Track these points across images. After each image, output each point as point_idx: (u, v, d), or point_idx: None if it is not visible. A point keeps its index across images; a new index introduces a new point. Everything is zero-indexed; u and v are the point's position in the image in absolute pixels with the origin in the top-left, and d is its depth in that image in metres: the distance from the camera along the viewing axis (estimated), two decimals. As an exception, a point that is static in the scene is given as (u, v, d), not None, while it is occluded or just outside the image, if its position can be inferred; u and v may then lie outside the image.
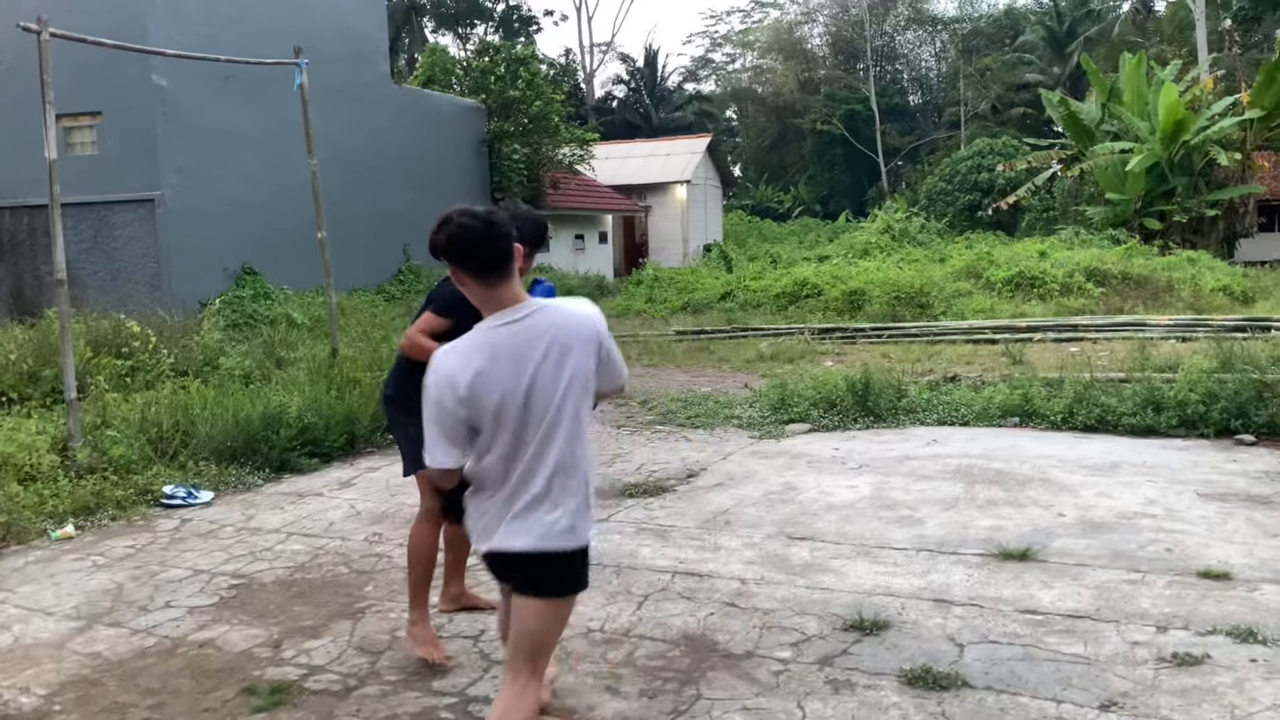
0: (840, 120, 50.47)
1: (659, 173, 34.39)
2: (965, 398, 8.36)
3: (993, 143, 37.07)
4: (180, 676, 3.96)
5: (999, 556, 4.82)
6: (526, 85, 24.11)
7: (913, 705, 3.43)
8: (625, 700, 3.59)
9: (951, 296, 16.35)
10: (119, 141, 15.48)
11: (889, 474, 6.49)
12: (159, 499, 6.53)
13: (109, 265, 15.54)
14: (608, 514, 5.90)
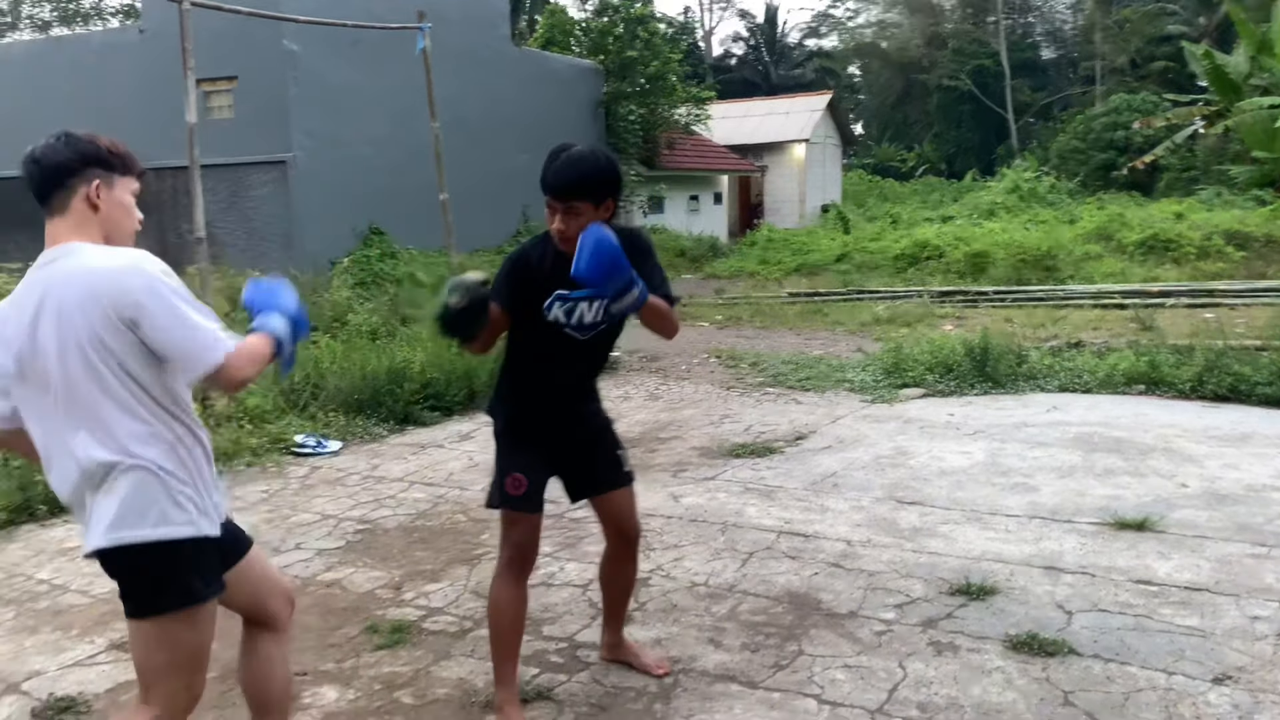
0: (968, 76, 48.79)
1: (777, 131, 33.96)
2: (1088, 364, 8.12)
3: (1130, 99, 35.32)
4: (309, 613, 4.21)
5: (1115, 526, 4.72)
6: (644, 45, 24.07)
7: (1016, 669, 3.42)
8: (727, 653, 3.67)
9: (1080, 260, 15.80)
10: (253, 105, 16.12)
11: (1004, 440, 6.38)
12: (291, 447, 6.89)
13: (245, 224, 16.25)
14: (714, 473, 5.98)
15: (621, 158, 24.10)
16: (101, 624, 4.16)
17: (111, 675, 3.70)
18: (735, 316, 13.51)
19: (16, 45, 23.19)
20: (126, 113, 16.65)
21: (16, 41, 30.35)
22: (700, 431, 7.13)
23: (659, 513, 5.29)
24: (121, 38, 18.20)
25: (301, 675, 3.66)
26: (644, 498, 5.49)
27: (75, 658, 3.86)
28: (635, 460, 6.26)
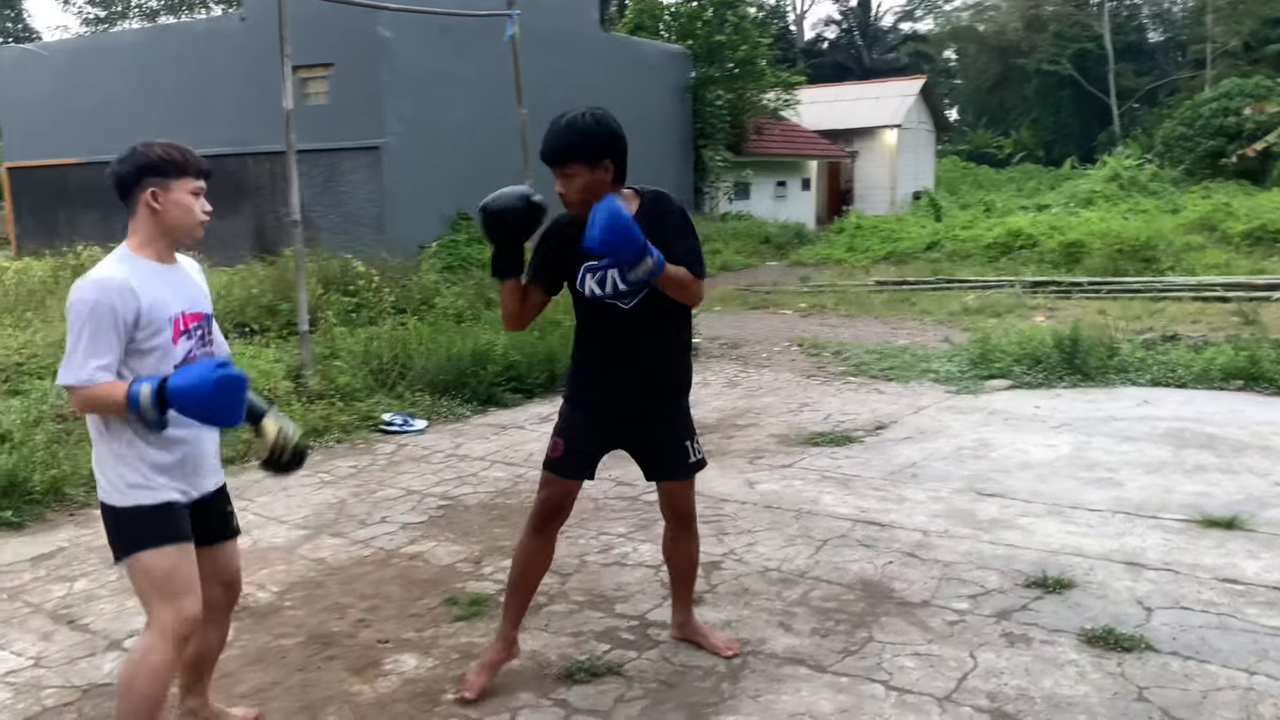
0: (1069, 60, 47.36)
1: (867, 116, 33.45)
2: (1184, 358, 7.88)
3: (1242, 83, 33.81)
4: (392, 584, 4.36)
5: (1202, 523, 4.60)
6: (733, 29, 23.93)
7: (1090, 663, 3.38)
8: (797, 637, 3.70)
9: (1181, 250, 15.26)
10: (348, 91, 16.49)
11: (1091, 434, 6.25)
12: (379, 425, 7.09)
13: (338, 209, 16.66)
14: (791, 461, 5.98)
15: (708, 144, 24.15)
16: (197, 588, 4.36)
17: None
18: (819, 304, 13.41)
19: (126, 33, 24.12)
20: (228, 99, 17.23)
21: (126, 30, 31.54)
22: (778, 419, 7.13)
23: (734, 498, 5.32)
24: (224, 25, 18.80)
25: (384, 642, 3.81)
26: (719, 483, 5.56)
27: (173, 619, 4.06)
28: (711, 446, 6.30)
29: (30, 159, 20.59)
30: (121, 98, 19.03)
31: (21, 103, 20.86)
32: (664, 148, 23.47)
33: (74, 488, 5.56)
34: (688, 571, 3.67)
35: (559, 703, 3.30)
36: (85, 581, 4.48)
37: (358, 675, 3.55)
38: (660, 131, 23.15)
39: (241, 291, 9.97)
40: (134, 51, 19.39)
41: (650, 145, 22.69)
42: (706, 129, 24.21)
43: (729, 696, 3.29)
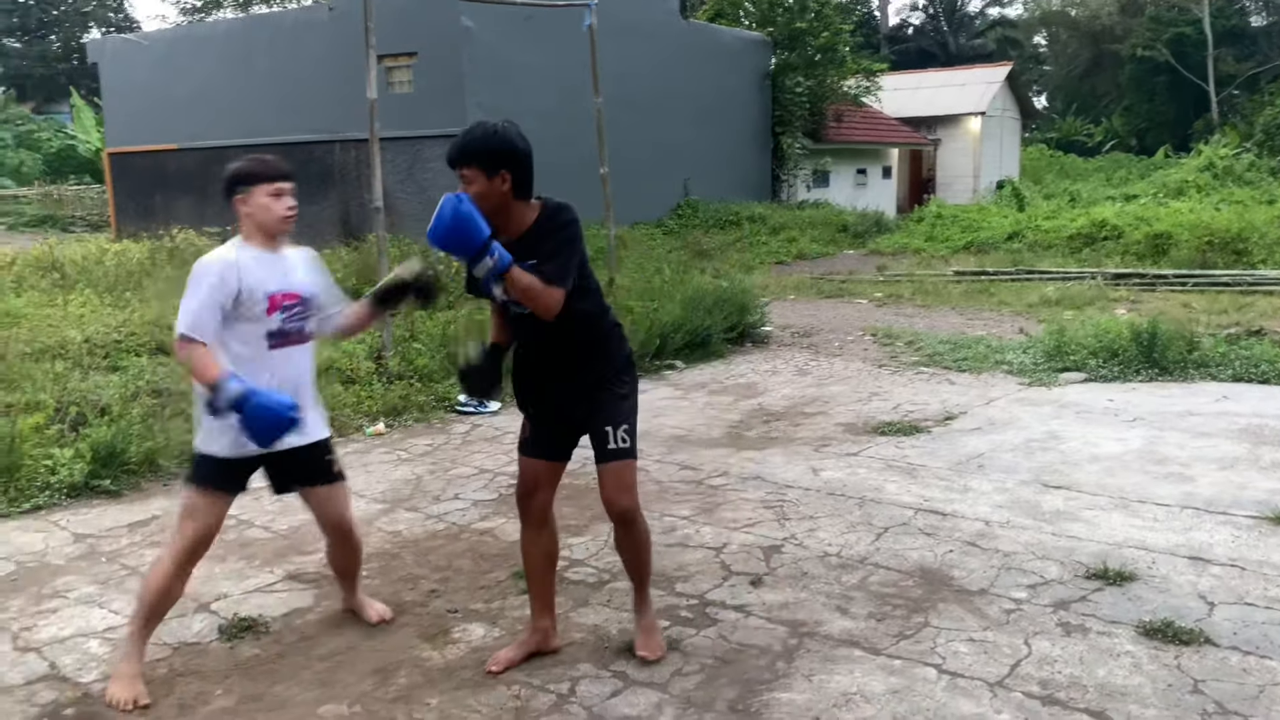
0: (1166, 45, 45.84)
1: (951, 104, 32.89)
2: (1268, 354, 7.69)
3: (1350, 68, 32.45)
4: (463, 558, 4.54)
5: (1274, 520, 4.54)
6: (814, 16, 23.74)
7: (1146, 655, 3.39)
8: (853, 620, 3.77)
9: (1275, 243, 14.77)
10: (431, 80, 16.83)
11: (1164, 429, 6.16)
12: (454, 406, 7.30)
13: (420, 195, 17.01)
14: (857, 449, 6.02)
15: (786, 131, 24.02)
16: (280, 556, 4.60)
17: (288, 601, 4.11)
18: (896, 294, 13.32)
19: (220, 23, 24.88)
20: (316, 87, 17.70)
21: (220, 20, 32.50)
22: (847, 408, 7.16)
23: (798, 484, 5.39)
24: (312, 15, 19.26)
25: (453, 612, 3.98)
26: (784, 470, 5.64)
27: (256, 585, 4.29)
28: (778, 434, 6.39)
29: (130, 144, 21.42)
30: (216, 86, 19.70)
31: (122, 91, 21.72)
32: (742, 135, 23.44)
33: (167, 459, 5.86)
34: (634, 568, 3.58)
35: (618, 674, 3.43)
36: (177, 547, 4.74)
37: (428, 642, 3.73)
38: (739, 118, 23.13)
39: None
40: (227, 41, 20.03)
41: (727, 132, 22.72)
42: (785, 116, 24.09)
43: (782, 675, 3.38)
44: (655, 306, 9.36)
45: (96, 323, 8.51)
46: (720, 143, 22.29)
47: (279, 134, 18.69)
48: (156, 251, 13.00)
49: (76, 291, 10.18)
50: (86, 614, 4.03)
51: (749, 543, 4.59)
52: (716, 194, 21.65)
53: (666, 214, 20.73)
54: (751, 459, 5.92)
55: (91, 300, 9.67)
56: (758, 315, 10.24)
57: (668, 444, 6.38)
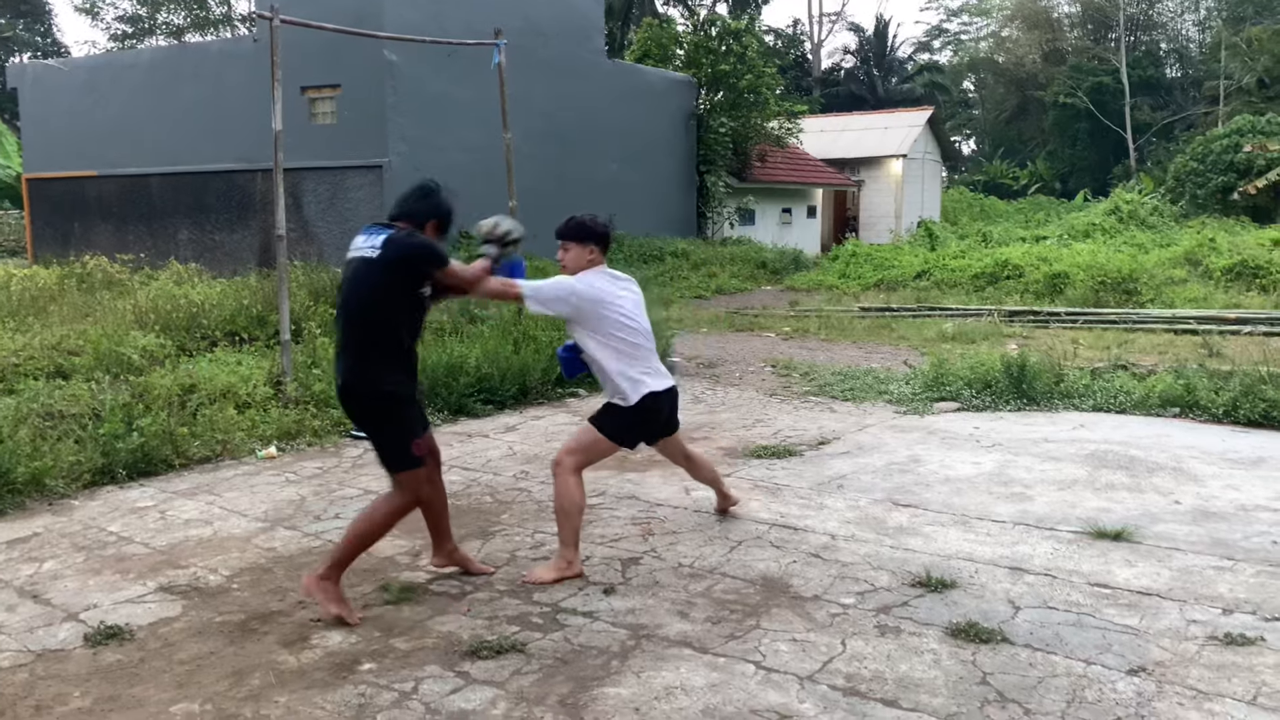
0: (1086, 93, 47.77)
1: (875, 146, 33.87)
2: (1126, 385, 8.18)
3: (1255, 120, 33.92)
4: (334, 571, 4.72)
5: (1093, 535, 4.91)
6: (738, 59, 24.41)
7: (947, 652, 3.70)
8: (691, 623, 4.03)
9: (1162, 284, 15.55)
10: (355, 112, 17.03)
11: (1018, 454, 6.56)
12: (350, 431, 7.45)
13: (342, 224, 17.15)
14: (730, 471, 6.31)
15: (711, 170, 24.59)
16: (155, 570, 4.74)
17: (156, 611, 4.26)
18: (803, 328, 13.75)
19: (145, 52, 24.81)
20: (239, 116, 17.78)
21: (144, 49, 32.32)
22: (731, 434, 7.47)
23: (669, 503, 5.66)
24: (237, 47, 19.39)
25: (315, 621, 4.16)
26: (659, 490, 5.92)
27: (128, 596, 4.43)
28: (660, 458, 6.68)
29: (49, 170, 21.22)
30: (138, 114, 19.67)
31: (42, 116, 21.55)
32: (668, 172, 23.95)
33: (54, 479, 5.95)
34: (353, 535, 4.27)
35: (461, 674, 3.64)
36: (54, 563, 4.86)
37: (286, 648, 3.91)
38: (665, 156, 23.64)
39: (234, 302, 10.40)
40: (152, 69, 20.03)
41: (653, 169, 23.20)
42: (710, 155, 24.67)
43: (615, 672, 3.63)
44: (561, 335, 9.62)
45: (-4, 346, 8.53)
46: (646, 180, 22.75)
47: (201, 162, 18.74)
48: (66, 277, 12.95)
49: (-21, 316, 10.16)
50: (-46, 623, 4.13)
51: (610, 556, 4.84)
52: (642, 230, 22.07)
53: (592, 248, 21.00)
54: (630, 480, 6.18)
55: (-6, 324, 9.67)
56: (663, 346, 10.54)
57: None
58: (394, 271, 4.07)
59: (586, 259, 4.65)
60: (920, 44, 62.15)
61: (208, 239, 18.72)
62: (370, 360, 4.08)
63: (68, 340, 8.89)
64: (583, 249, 4.65)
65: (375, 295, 4.08)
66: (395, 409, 4.12)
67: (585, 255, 4.65)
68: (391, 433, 4.15)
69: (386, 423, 4.14)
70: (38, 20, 46.17)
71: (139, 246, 18.94)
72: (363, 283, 4.10)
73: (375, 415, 4.15)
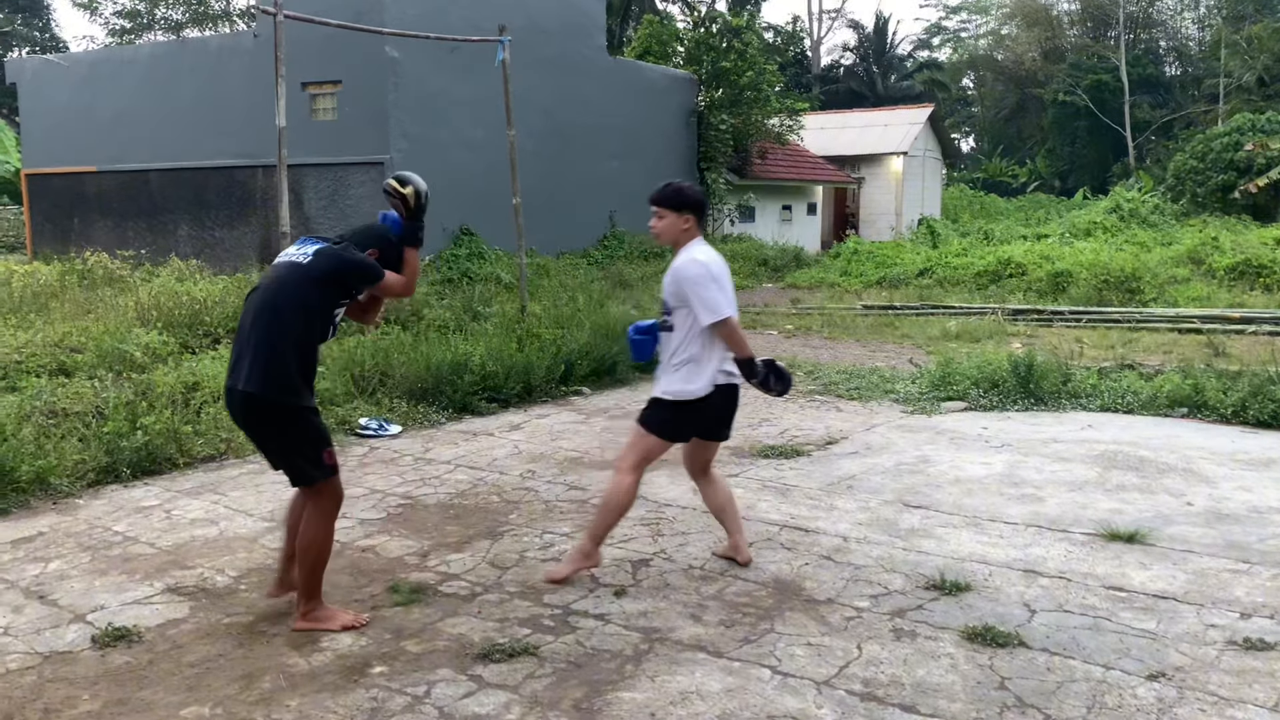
0: (1085, 91, 47.70)
1: (875, 143, 33.81)
2: (1134, 385, 8.15)
3: (1255, 118, 33.87)
4: (341, 573, 4.68)
5: (1106, 537, 4.88)
6: (739, 56, 24.35)
7: (964, 656, 3.67)
8: (704, 626, 4.00)
9: (1165, 283, 15.52)
10: (356, 108, 16.96)
11: (1028, 454, 6.53)
12: (355, 429, 7.43)
13: (344, 221, 17.07)
14: (739, 471, 6.28)
15: (711, 167, 24.55)
16: (162, 571, 4.70)
17: (163, 613, 4.22)
18: (805, 326, 13.71)
19: (144, 47, 24.71)
20: (240, 112, 17.72)
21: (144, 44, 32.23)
22: (737, 432, 7.33)
23: (676, 504, 5.63)
24: (237, 42, 19.31)
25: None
26: (667, 490, 5.88)
27: (135, 597, 4.39)
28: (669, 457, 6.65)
29: (48, 166, 21.15)
30: (138, 109, 19.59)
31: (41, 112, 21.46)
32: (668, 169, 23.85)
33: (59, 478, 5.91)
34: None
35: (473, 677, 3.61)
36: (60, 563, 4.82)
37: (296, 650, 3.87)
38: (666, 153, 23.58)
39: (236, 299, 10.35)
40: (152, 64, 19.95)
41: (655, 166, 23.12)
42: (710, 152, 24.61)
43: (629, 676, 3.59)
44: (563, 334, 9.60)
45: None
46: (647, 177, 22.61)
47: (201, 158, 18.68)
48: (67, 274, 12.90)
49: (-20, 312, 10.11)
50: (-41, 624, 4.09)
51: (620, 557, 4.80)
52: (642, 226, 21.83)
53: (593, 245, 21.03)
54: (638, 480, 6.14)
55: (-6, 321, 9.62)
56: (666, 344, 10.50)
57: (561, 466, 6.58)
58: (323, 284, 3.91)
59: (681, 228, 4.38)
60: (920, 41, 62.19)
61: (208, 235, 18.66)
62: (285, 369, 3.84)
63: (70, 337, 8.84)
64: (678, 218, 4.37)
65: (300, 303, 3.88)
66: (309, 419, 3.94)
67: (680, 225, 4.37)
68: (307, 446, 3.95)
69: (301, 435, 3.93)
70: (36, 15, 46.01)
71: (139, 242, 18.89)
72: (288, 288, 3.90)
73: (288, 427, 3.92)
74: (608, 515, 4.44)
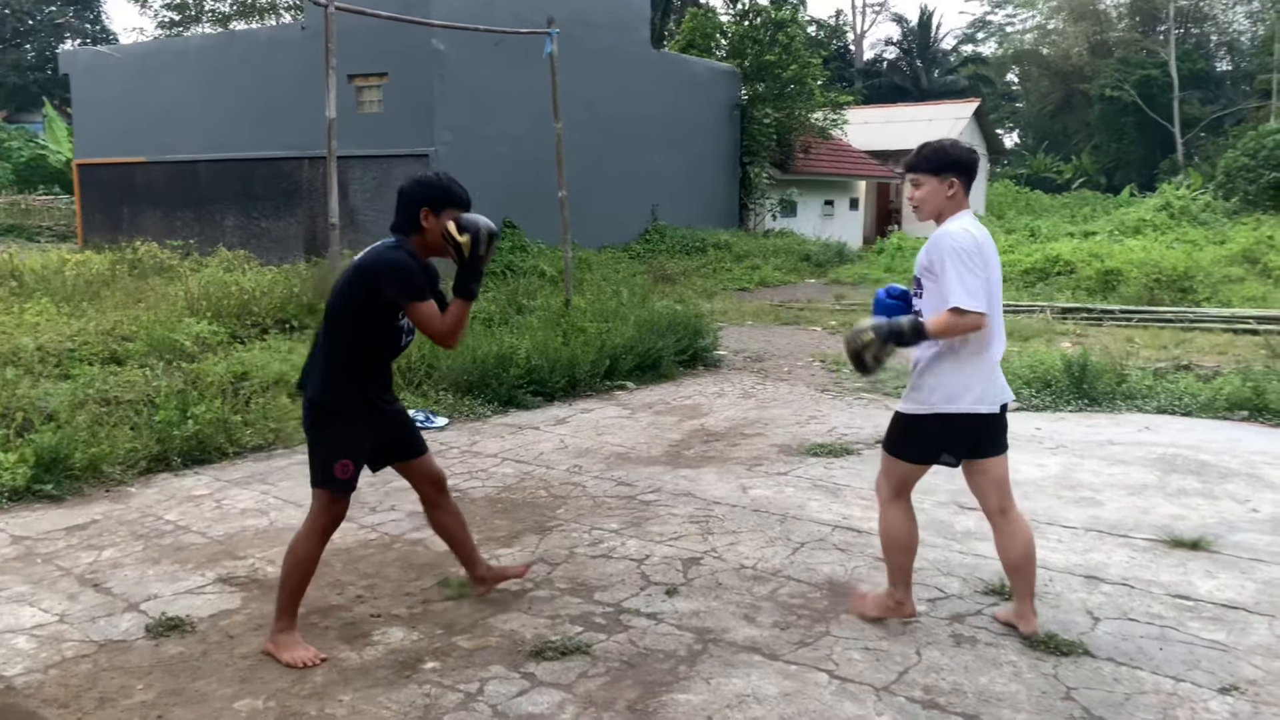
0: (1133, 87, 46.90)
1: (919, 138, 32.66)
2: (1192, 387, 7.96)
3: (1309, 115, 33.27)
4: (391, 566, 4.68)
5: (1169, 543, 4.76)
6: (783, 49, 24.16)
7: (1027, 664, 3.58)
8: (758, 628, 3.94)
9: (1219, 282, 15.17)
10: (401, 100, 17.02)
11: (1084, 456, 6.39)
12: (401, 421, 7.43)
13: (388, 213, 16.81)
14: (788, 469, 6.21)
15: (754, 161, 24.40)
16: (213, 561, 4.72)
17: (215, 603, 4.23)
18: (849, 323, 13.55)
19: (194, 39, 24.98)
20: (288, 104, 17.85)
21: (194, 35, 32.60)
22: (785, 430, 7.36)
23: (725, 501, 5.57)
24: (286, 34, 19.44)
25: (376, 616, 4.11)
26: (715, 487, 5.82)
27: (187, 587, 4.41)
28: (714, 453, 6.59)
29: (99, 156, 21.44)
30: (187, 101, 19.80)
31: (93, 103, 21.77)
32: (712, 164, 23.79)
33: (111, 465, 5.96)
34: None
35: (527, 676, 3.57)
36: (113, 550, 4.85)
37: (348, 643, 3.86)
38: (708, 147, 23.47)
39: (284, 290, 10.42)
40: (201, 56, 20.15)
41: (697, 160, 23.05)
42: (753, 146, 24.46)
43: (683, 677, 3.54)
44: (608, 327, 9.56)
45: (51, 331, 8.58)
46: (689, 171, 22.61)
47: (249, 149, 18.84)
48: (118, 263, 13.05)
49: (33, 300, 10.23)
50: (16, 612, 4.13)
51: (670, 555, 4.75)
52: (684, 221, 21.94)
53: (634, 239, 20.97)
54: (685, 476, 6.10)
55: (48, 309, 9.73)
56: (710, 339, 10.45)
57: (608, 461, 6.54)
58: (355, 284, 3.72)
59: (945, 195, 3.71)
60: (964, 35, 61.44)
61: (254, 226, 18.83)
62: (324, 366, 3.75)
63: (121, 326, 8.93)
64: (940, 183, 3.70)
65: (339, 303, 3.75)
66: (330, 421, 3.75)
67: (944, 191, 3.71)
68: (318, 445, 3.79)
69: (316, 433, 3.79)
70: (87, 8, 46.71)
71: (186, 233, 19.10)
72: (337, 288, 3.81)
73: (310, 421, 3.80)
74: (888, 555, 3.98)
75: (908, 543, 3.90)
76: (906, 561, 3.90)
